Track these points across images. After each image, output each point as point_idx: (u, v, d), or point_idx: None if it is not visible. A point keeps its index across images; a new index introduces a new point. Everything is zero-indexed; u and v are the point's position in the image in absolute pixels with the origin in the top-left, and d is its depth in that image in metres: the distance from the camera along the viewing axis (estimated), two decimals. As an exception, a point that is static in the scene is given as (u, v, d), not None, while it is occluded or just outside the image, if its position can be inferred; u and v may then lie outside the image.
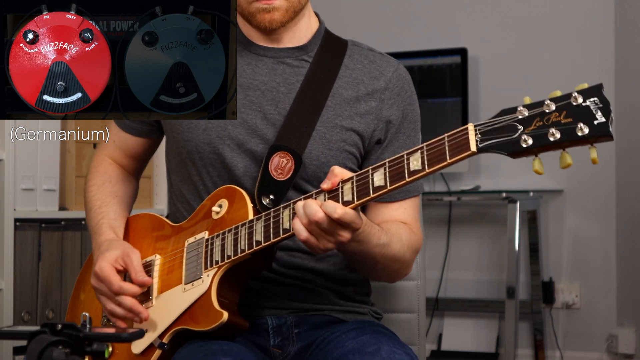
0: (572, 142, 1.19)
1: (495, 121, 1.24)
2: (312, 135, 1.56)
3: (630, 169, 3.72)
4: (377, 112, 1.61)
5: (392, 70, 1.65)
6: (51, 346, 1.03)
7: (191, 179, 1.63)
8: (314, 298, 1.60)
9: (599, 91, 1.19)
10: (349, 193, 1.34)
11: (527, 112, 1.22)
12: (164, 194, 3.15)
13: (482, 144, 1.24)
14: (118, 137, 1.77)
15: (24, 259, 2.76)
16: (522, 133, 1.21)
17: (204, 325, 1.47)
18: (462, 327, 4.05)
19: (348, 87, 1.61)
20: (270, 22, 1.55)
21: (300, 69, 1.62)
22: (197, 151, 1.60)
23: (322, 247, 1.37)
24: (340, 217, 1.32)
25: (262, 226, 1.44)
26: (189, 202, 1.64)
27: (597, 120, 1.17)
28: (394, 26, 4.26)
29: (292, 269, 1.58)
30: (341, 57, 1.64)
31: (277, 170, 1.53)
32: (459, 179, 4.07)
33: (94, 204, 1.72)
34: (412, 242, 1.57)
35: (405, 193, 1.62)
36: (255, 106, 1.59)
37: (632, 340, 3.74)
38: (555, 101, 1.21)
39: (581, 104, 1.19)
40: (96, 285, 1.56)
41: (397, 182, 1.31)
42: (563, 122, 1.19)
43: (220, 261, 1.49)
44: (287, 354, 1.57)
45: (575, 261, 3.95)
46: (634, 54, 3.77)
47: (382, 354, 1.40)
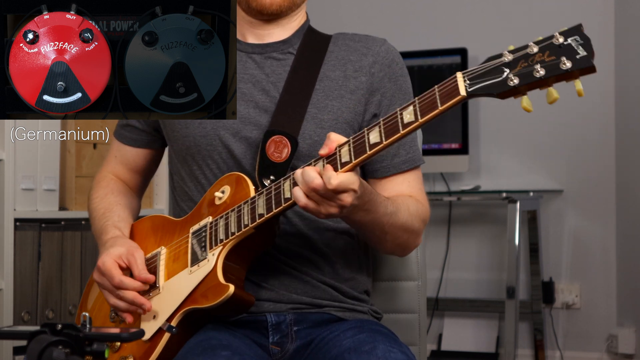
0: (557, 77, 1.25)
1: (482, 67, 1.29)
2: (304, 117, 1.59)
3: (630, 169, 3.72)
4: (368, 85, 1.64)
5: (380, 45, 1.68)
6: (51, 346, 1.03)
7: (194, 174, 1.65)
8: (313, 292, 1.61)
9: (579, 30, 1.25)
10: (347, 154, 1.37)
11: (512, 56, 1.27)
12: (164, 193, 3.15)
13: (471, 88, 1.28)
14: (119, 152, 1.79)
15: (24, 259, 2.76)
16: (508, 74, 1.26)
17: (212, 300, 1.48)
18: (462, 327, 4.05)
19: (335, 68, 1.65)
20: (270, 4, 1.61)
21: (287, 60, 1.66)
22: (196, 144, 1.62)
23: (324, 212, 1.39)
24: (336, 187, 1.35)
25: (264, 200, 1.47)
26: (192, 199, 1.66)
27: (579, 55, 1.24)
28: (394, 26, 4.26)
29: (290, 258, 1.60)
30: (325, 46, 1.68)
31: (274, 154, 1.55)
32: (459, 179, 4.07)
33: (97, 212, 1.73)
34: (420, 212, 1.59)
35: (408, 163, 1.64)
36: (247, 97, 1.62)
37: (632, 340, 3.74)
38: (538, 43, 1.27)
39: (563, 43, 1.25)
40: (98, 280, 1.58)
41: (392, 136, 1.34)
42: (547, 60, 1.25)
43: (224, 239, 1.51)
44: (285, 351, 1.58)
45: (575, 261, 3.95)
46: (634, 54, 3.77)
47: (378, 352, 1.40)
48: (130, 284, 1.54)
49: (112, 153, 1.81)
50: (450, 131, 3.94)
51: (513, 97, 1.29)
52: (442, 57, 4.00)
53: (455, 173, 4.05)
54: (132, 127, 1.76)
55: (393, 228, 1.52)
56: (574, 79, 1.25)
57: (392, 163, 1.64)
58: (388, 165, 1.64)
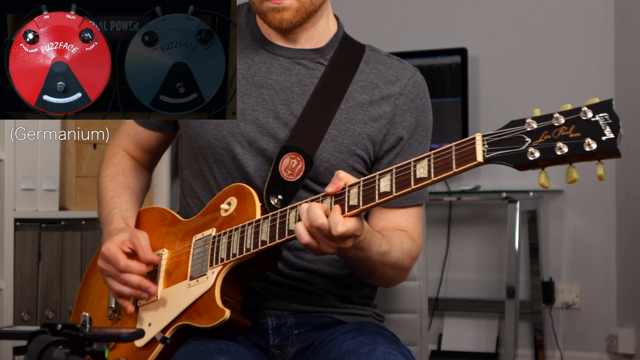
0: (579, 157, 1.19)
1: (503, 132, 1.24)
2: (324, 137, 1.56)
3: (630, 169, 3.72)
4: (391, 117, 1.61)
5: (409, 76, 1.65)
6: (51, 346, 1.03)
7: (202, 174, 1.64)
8: (316, 300, 1.60)
9: (609, 107, 1.19)
10: (355, 197, 1.34)
11: (536, 124, 1.21)
12: (164, 193, 3.15)
13: (489, 154, 1.24)
14: (132, 130, 1.76)
15: (24, 259, 2.76)
16: (529, 145, 1.21)
17: (206, 322, 1.47)
18: (462, 327, 4.05)
19: (363, 91, 1.61)
20: (280, 22, 1.55)
21: (316, 71, 1.62)
22: (209, 146, 1.60)
23: (322, 251, 1.37)
24: (342, 234, 1.33)
25: (269, 226, 1.45)
26: (199, 198, 1.65)
27: (606, 136, 1.18)
28: (394, 26, 4.26)
29: (296, 270, 1.59)
30: (357, 62, 1.64)
31: (287, 171, 1.54)
32: (459, 179, 4.07)
33: (106, 194, 1.72)
34: (412, 251, 1.58)
35: (411, 199, 1.62)
36: (269, 105, 1.59)
37: (632, 340, 3.74)
38: (564, 115, 1.20)
39: (590, 119, 1.18)
40: (103, 266, 1.57)
41: (403, 189, 1.31)
42: (571, 136, 1.19)
43: (225, 259, 1.49)
44: (286, 354, 1.57)
45: (575, 261, 3.95)
46: (634, 54, 3.77)
47: (377, 354, 1.40)
48: (135, 267, 1.53)
49: (125, 129, 1.78)
50: (450, 131, 3.94)
51: (531, 170, 1.24)
52: (442, 57, 4.00)
53: (455, 173, 4.04)
54: None
55: (383, 265, 1.50)
56: (597, 160, 1.20)
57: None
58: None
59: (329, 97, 1.58)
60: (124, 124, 1.79)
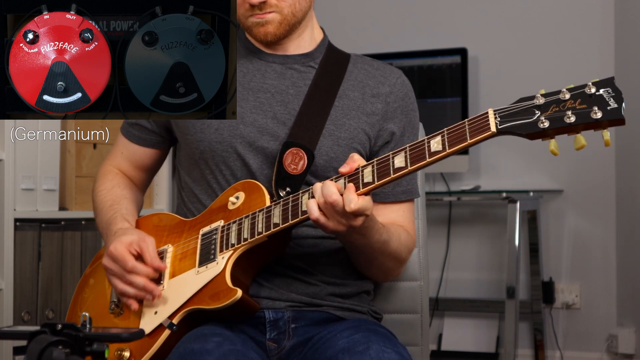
0: (587, 125, 1.28)
1: (514, 106, 1.32)
2: (322, 132, 1.62)
3: (630, 169, 3.72)
4: (383, 113, 1.68)
5: (396, 77, 1.73)
6: (51, 346, 1.03)
7: (205, 179, 1.66)
8: (313, 291, 1.61)
9: (612, 82, 1.29)
10: (370, 175, 1.40)
11: (544, 99, 1.31)
12: (164, 193, 3.14)
13: (502, 125, 1.32)
14: (126, 149, 1.79)
15: (24, 259, 2.76)
16: (539, 116, 1.30)
17: (217, 303, 1.49)
18: (462, 327, 4.05)
19: (354, 89, 1.68)
20: (265, 35, 1.63)
21: (308, 73, 1.68)
22: (211, 150, 1.63)
23: (331, 227, 1.42)
24: (355, 211, 1.38)
25: (281, 210, 1.49)
26: (201, 202, 1.67)
27: (610, 106, 1.27)
28: (394, 26, 4.26)
29: (295, 259, 1.60)
30: (345, 64, 1.71)
31: (290, 166, 1.58)
32: (459, 179, 4.07)
33: (104, 205, 1.74)
34: (409, 243, 1.66)
35: (407, 194, 1.69)
36: (266, 107, 1.64)
37: (632, 340, 3.74)
38: (570, 90, 1.30)
39: (594, 93, 1.28)
40: (108, 265, 1.58)
41: (418, 163, 1.37)
42: (578, 107, 1.28)
43: (236, 244, 1.52)
44: (282, 348, 1.59)
45: (575, 261, 3.95)
46: (634, 54, 3.77)
47: (371, 353, 1.41)
48: (142, 270, 1.55)
49: (119, 148, 1.80)
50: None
51: (541, 139, 1.32)
52: (442, 57, 4.00)
53: (455, 173, 4.04)
54: (141, 127, 1.76)
55: (382, 255, 1.57)
56: (602, 129, 1.29)
57: (393, 191, 1.68)
58: (389, 192, 1.68)
59: (323, 96, 1.64)
60: (117, 143, 1.81)
